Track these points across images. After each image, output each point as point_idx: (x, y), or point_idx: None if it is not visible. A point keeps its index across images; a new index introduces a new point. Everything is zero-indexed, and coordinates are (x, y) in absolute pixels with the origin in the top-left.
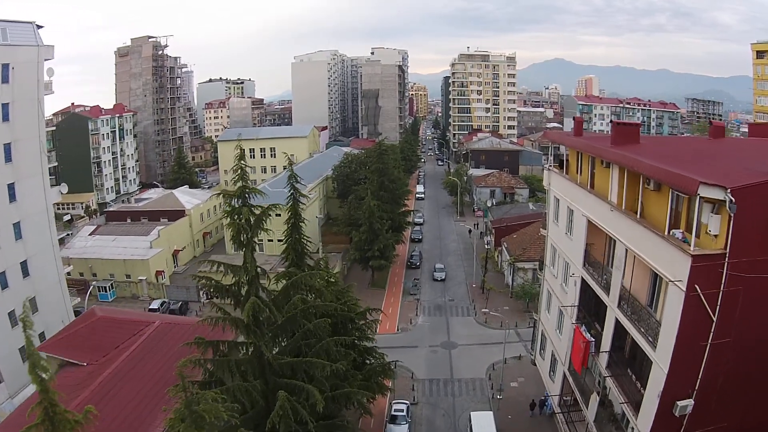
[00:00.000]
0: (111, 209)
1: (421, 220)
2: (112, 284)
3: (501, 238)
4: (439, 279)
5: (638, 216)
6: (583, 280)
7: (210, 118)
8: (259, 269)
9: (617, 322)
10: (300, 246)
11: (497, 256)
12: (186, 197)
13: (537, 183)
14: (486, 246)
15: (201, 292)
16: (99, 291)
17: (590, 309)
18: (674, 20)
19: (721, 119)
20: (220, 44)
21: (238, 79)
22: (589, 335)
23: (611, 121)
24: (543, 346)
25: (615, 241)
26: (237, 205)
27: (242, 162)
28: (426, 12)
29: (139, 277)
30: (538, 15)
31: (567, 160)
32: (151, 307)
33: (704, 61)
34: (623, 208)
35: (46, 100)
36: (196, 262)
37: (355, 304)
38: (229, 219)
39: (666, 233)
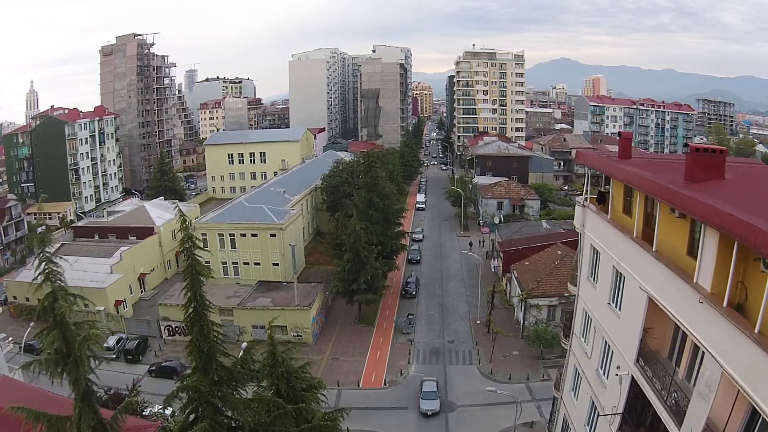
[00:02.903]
0: (78, 224)
1: (420, 236)
2: None
3: (510, 264)
4: (429, 413)
5: (757, 330)
6: (633, 380)
7: (205, 119)
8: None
9: None
10: (207, 344)
11: (505, 285)
12: (158, 211)
13: (548, 193)
14: (492, 270)
15: (162, 328)
16: None
17: (641, 420)
18: (678, 20)
19: (731, 120)
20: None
21: (236, 78)
22: None
23: (686, 145)
24: None
25: (699, 346)
26: (52, 320)
27: (49, 265)
28: (428, 12)
29: (97, 308)
30: (540, 15)
31: (611, 194)
32: (106, 345)
33: (709, 61)
34: (724, 303)
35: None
36: (166, 285)
37: (310, 386)
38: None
39: None
